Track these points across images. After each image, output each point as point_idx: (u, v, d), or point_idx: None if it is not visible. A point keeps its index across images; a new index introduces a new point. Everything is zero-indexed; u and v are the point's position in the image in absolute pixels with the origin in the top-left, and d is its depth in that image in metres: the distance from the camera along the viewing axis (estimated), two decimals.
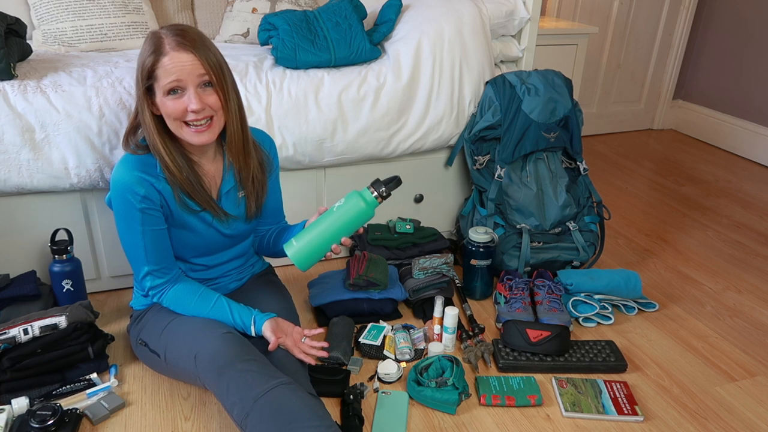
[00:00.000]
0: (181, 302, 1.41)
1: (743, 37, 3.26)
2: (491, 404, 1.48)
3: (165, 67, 1.25)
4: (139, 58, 1.30)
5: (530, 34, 2.11)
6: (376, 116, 1.88)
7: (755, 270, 2.17)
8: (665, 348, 1.73)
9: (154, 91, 1.29)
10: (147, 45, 1.28)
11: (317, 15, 1.94)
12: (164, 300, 1.42)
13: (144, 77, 1.28)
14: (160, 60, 1.26)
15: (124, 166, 1.33)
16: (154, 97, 1.30)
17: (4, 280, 1.63)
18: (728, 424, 1.46)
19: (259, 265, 1.68)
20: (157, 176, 1.35)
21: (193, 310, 1.40)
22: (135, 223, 1.34)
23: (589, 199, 2.07)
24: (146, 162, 1.35)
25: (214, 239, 1.47)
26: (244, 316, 1.40)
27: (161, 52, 1.26)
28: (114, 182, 1.33)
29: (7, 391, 1.42)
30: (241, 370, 1.22)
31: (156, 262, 1.38)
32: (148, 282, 1.40)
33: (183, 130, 1.31)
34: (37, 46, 1.99)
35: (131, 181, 1.31)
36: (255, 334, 1.39)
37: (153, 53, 1.26)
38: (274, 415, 1.15)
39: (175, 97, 1.27)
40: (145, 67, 1.27)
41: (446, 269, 1.87)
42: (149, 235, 1.35)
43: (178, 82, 1.26)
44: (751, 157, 3.27)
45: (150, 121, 1.32)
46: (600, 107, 3.54)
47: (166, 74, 1.26)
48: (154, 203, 1.34)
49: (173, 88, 1.27)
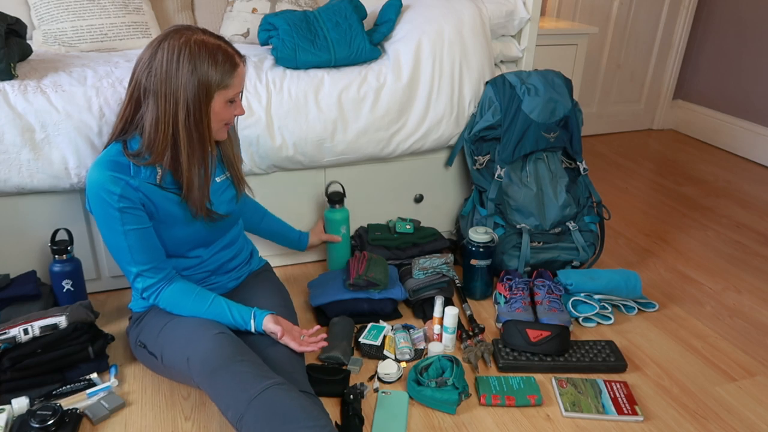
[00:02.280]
0: (178, 302, 1.40)
1: (743, 38, 3.26)
2: (491, 404, 1.48)
3: (239, 77, 1.33)
4: (195, 62, 1.27)
5: (530, 34, 2.11)
6: (376, 116, 1.88)
7: (755, 270, 2.17)
8: (665, 348, 1.73)
9: (213, 99, 1.32)
10: (211, 54, 1.28)
11: (317, 15, 1.94)
12: (160, 300, 1.41)
13: (218, 86, 1.30)
14: (236, 71, 1.32)
15: (98, 167, 1.32)
16: (209, 103, 1.32)
17: (4, 280, 1.63)
18: (728, 424, 1.46)
19: (256, 263, 1.68)
20: (131, 176, 1.34)
21: (190, 309, 1.39)
22: (115, 223, 1.32)
23: (589, 199, 2.07)
24: (119, 162, 1.33)
25: (205, 227, 1.47)
26: (244, 313, 1.40)
27: (236, 64, 1.32)
28: (89, 184, 1.32)
29: (8, 391, 1.42)
30: (234, 372, 1.22)
31: (144, 261, 1.37)
32: (140, 283, 1.39)
33: (221, 130, 1.39)
34: (38, 46, 1.99)
35: (104, 180, 1.30)
36: (255, 329, 1.39)
37: (230, 65, 1.31)
38: (268, 417, 1.15)
39: (231, 105, 1.36)
40: (224, 77, 1.30)
41: (446, 269, 1.87)
42: (132, 234, 1.34)
43: (240, 93, 1.38)
44: (750, 157, 3.27)
45: (206, 132, 1.34)
46: (600, 107, 3.54)
47: (239, 84, 1.35)
48: (132, 202, 1.33)
49: (235, 98, 1.36)
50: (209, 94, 1.29)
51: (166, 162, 1.35)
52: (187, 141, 1.32)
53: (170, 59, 1.26)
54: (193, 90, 1.28)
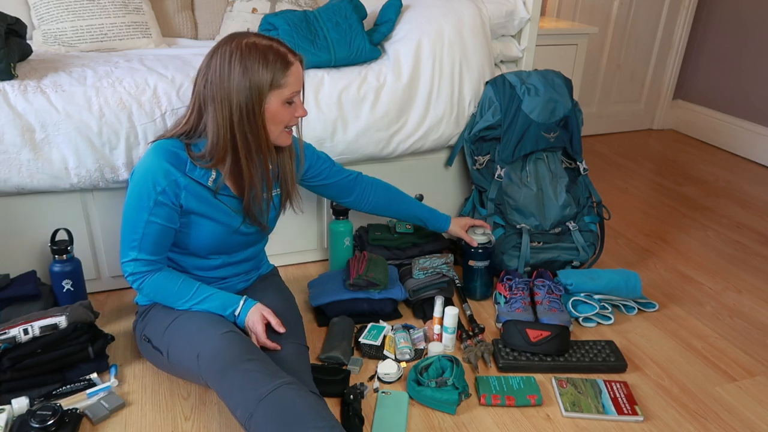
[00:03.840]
0: (162, 289, 1.40)
1: (743, 38, 3.26)
2: (491, 404, 1.48)
3: (293, 76, 1.32)
4: (247, 63, 1.28)
5: (530, 34, 2.11)
6: (376, 116, 1.88)
7: (755, 270, 2.17)
8: (665, 348, 1.73)
9: (268, 101, 1.31)
10: (263, 55, 1.28)
11: (317, 15, 1.94)
12: (144, 286, 1.40)
13: (271, 87, 1.30)
14: (289, 69, 1.30)
15: (157, 153, 1.34)
16: (263, 105, 1.31)
17: (4, 280, 1.63)
18: (728, 424, 1.46)
19: (266, 267, 1.69)
20: (184, 172, 1.35)
21: (174, 296, 1.40)
22: (144, 209, 1.34)
23: (589, 199, 2.07)
24: (178, 156, 1.36)
25: (234, 239, 1.48)
26: (230, 299, 1.41)
27: (289, 63, 1.30)
28: (143, 162, 1.34)
29: (7, 391, 1.42)
30: (244, 370, 1.22)
31: (148, 252, 1.38)
32: (131, 267, 1.39)
33: (282, 134, 1.38)
34: (37, 46, 1.99)
35: (157, 168, 1.32)
36: (237, 316, 1.41)
37: (283, 64, 1.29)
38: (278, 416, 1.15)
39: (289, 106, 1.34)
40: (277, 76, 1.29)
41: (446, 269, 1.87)
42: (153, 227, 1.35)
43: (297, 93, 1.35)
44: (750, 157, 3.27)
45: (262, 134, 1.34)
46: (600, 107, 3.54)
47: (294, 84, 1.32)
48: (170, 198, 1.34)
49: (293, 98, 1.34)
50: (261, 94, 1.30)
51: (227, 167, 1.36)
52: (244, 145, 1.33)
53: (222, 64, 1.29)
54: (245, 92, 1.29)
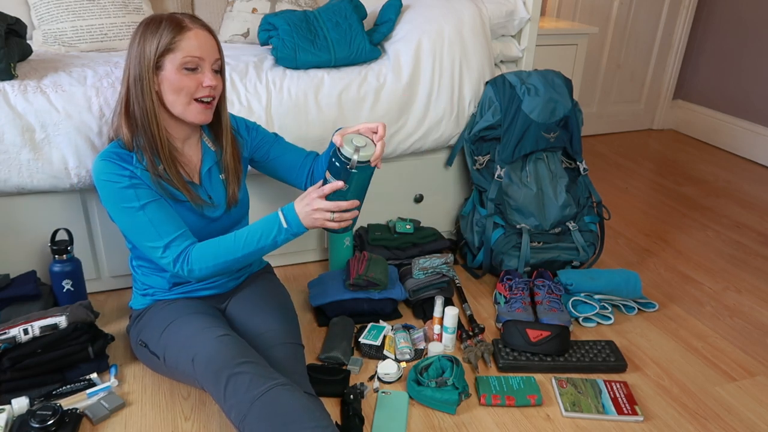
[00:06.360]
0: (209, 255, 1.32)
1: (743, 38, 3.26)
2: (491, 404, 1.48)
3: (189, 40, 1.29)
4: (144, 35, 1.29)
5: (530, 34, 2.11)
6: (376, 116, 1.87)
7: (755, 270, 2.17)
8: (665, 348, 1.73)
9: (163, 67, 1.30)
10: (156, 24, 1.29)
11: (317, 15, 1.94)
12: (193, 261, 1.32)
13: (158, 51, 1.28)
14: (183, 34, 1.29)
15: (100, 160, 1.33)
16: (159, 73, 1.31)
17: (4, 280, 1.63)
18: (728, 424, 1.46)
19: (257, 264, 1.68)
20: (134, 165, 1.34)
21: (224, 252, 1.32)
22: (130, 201, 1.31)
23: (589, 199, 2.07)
24: (119, 153, 1.34)
25: (206, 228, 1.45)
26: (270, 221, 1.32)
27: (184, 27, 1.29)
28: (95, 176, 1.32)
29: (7, 391, 1.42)
30: (238, 373, 1.22)
31: (170, 230, 1.32)
32: (171, 254, 1.31)
33: (191, 106, 1.33)
34: (37, 46, 1.98)
35: (109, 166, 1.31)
36: (287, 224, 1.31)
37: (173, 28, 1.28)
38: (271, 417, 1.15)
39: (190, 73, 1.31)
40: (163, 40, 1.28)
41: (446, 269, 1.87)
42: (151, 207, 1.32)
43: (200, 60, 1.31)
44: (750, 157, 3.27)
45: (155, 99, 1.32)
46: (600, 107, 3.54)
47: (188, 48, 1.29)
48: (142, 180, 1.33)
49: (192, 64, 1.30)
50: (149, 60, 1.29)
51: (146, 146, 1.34)
52: (139, 115, 1.32)
53: (130, 44, 1.32)
54: (136, 60, 1.30)
